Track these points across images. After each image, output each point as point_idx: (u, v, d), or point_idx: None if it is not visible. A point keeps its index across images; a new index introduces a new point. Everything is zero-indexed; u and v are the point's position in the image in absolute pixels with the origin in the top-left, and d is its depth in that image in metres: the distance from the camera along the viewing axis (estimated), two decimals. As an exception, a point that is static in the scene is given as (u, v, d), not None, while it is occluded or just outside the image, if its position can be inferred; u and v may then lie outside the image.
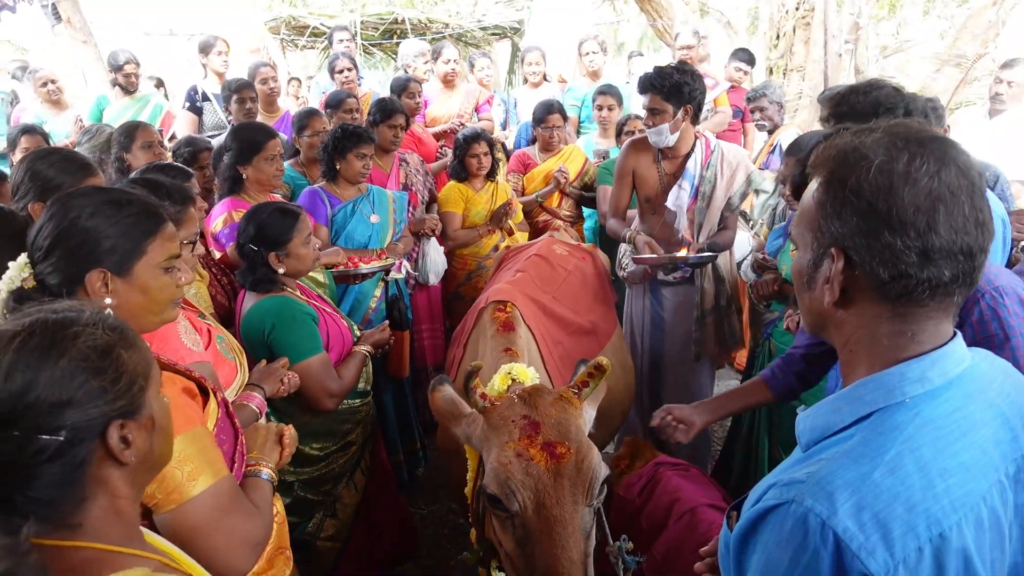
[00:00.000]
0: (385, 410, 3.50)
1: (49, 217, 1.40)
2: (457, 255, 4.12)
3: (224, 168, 3.08)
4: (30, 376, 0.92)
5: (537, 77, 5.63)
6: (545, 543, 1.46)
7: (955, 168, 0.89)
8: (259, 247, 2.35)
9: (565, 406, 1.64)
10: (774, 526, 0.89)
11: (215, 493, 1.33)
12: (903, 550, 0.83)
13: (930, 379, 0.92)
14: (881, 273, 0.90)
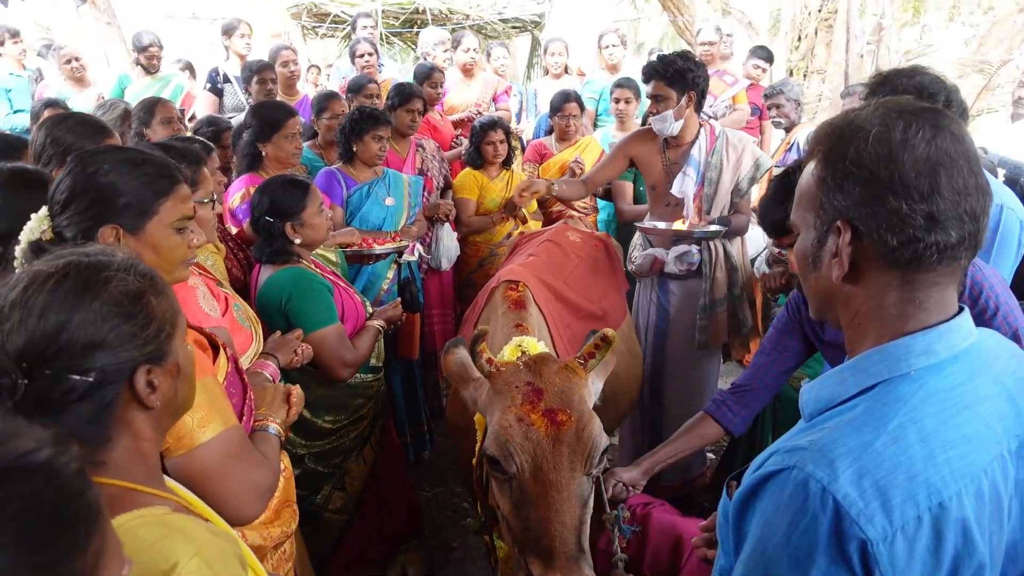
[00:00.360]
0: (394, 392, 3.53)
1: (68, 172, 1.44)
2: (470, 242, 4.14)
3: (243, 145, 3.12)
4: (64, 317, 0.95)
5: (559, 68, 5.63)
6: (540, 507, 1.48)
7: (949, 135, 0.91)
8: (274, 218, 2.38)
9: (570, 375, 1.66)
10: (774, 491, 0.90)
11: (225, 440, 1.35)
12: (902, 518, 0.84)
13: (936, 352, 0.92)
14: (890, 240, 0.90)
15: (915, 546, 0.84)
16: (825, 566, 0.85)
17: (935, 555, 0.85)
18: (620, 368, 2.52)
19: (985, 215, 0.92)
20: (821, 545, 0.85)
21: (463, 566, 3.13)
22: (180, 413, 1.12)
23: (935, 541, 0.85)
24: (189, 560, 0.89)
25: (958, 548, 0.86)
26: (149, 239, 1.46)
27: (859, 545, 0.83)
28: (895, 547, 0.84)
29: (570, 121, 4.38)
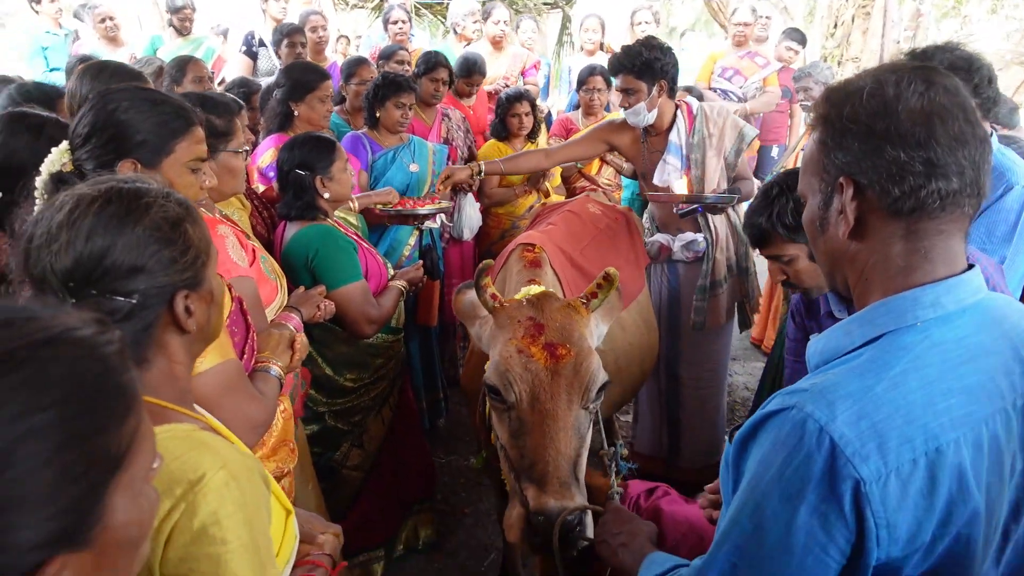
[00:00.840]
0: (411, 358, 3.57)
1: (90, 108, 1.48)
2: (492, 213, 4.15)
3: (275, 104, 3.14)
4: (109, 240, 0.98)
5: (592, 44, 5.59)
6: (536, 435, 1.53)
7: (943, 88, 0.92)
8: (305, 171, 2.42)
9: (571, 313, 1.69)
10: (772, 429, 0.93)
11: (222, 371, 1.39)
12: (897, 460, 0.86)
13: (943, 304, 0.93)
14: (892, 189, 0.92)
15: (908, 488, 0.86)
16: (815, 503, 0.87)
17: (928, 498, 0.87)
18: (635, 338, 2.53)
19: (986, 163, 0.93)
20: (813, 482, 0.87)
21: (474, 531, 3.18)
22: (210, 339, 1.16)
23: (929, 484, 0.87)
24: (216, 472, 0.93)
25: (952, 494, 0.88)
26: (164, 176, 1.50)
27: (852, 485, 0.85)
28: (888, 488, 0.85)
29: (594, 95, 4.35)
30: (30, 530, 0.55)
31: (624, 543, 1.35)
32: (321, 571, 1.16)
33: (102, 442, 0.61)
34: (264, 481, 1.02)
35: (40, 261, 0.98)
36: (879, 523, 0.86)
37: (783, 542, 0.89)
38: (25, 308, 0.64)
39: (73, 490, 0.58)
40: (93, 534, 0.60)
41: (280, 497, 1.12)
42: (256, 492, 0.98)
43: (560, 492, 1.47)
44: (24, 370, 0.57)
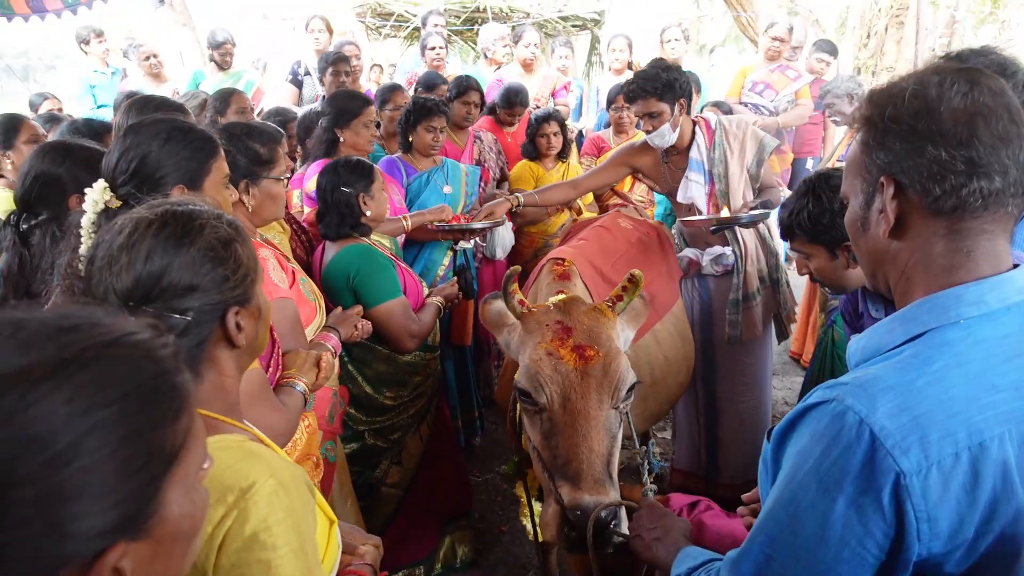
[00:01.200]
0: (447, 377, 3.61)
1: (129, 146, 1.56)
2: (525, 232, 4.19)
3: (321, 131, 3.24)
4: (167, 261, 1.05)
5: (620, 64, 5.64)
6: (568, 434, 1.56)
7: (986, 90, 0.92)
8: (349, 189, 2.51)
9: (598, 316, 1.72)
10: (811, 422, 0.93)
11: (246, 379, 1.42)
12: (939, 453, 0.86)
13: (987, 303, 0.92)
14: (933, 189, 0.92)
15: (950, 482, 0.85)
16: (853, 495, 0.87)
17: (971, 493, 0.86)
18: (670, 351, 2.54)
19: None
20: (852, 474, 0.87)
21: (511, 549, 3.18)
22: (257, 353, 1.21)
23: (972, 479, 0.86)
24: (266, 480, 0.97)
25: (996, 490, 0.87)
26: (208, 195, 1.58)
27: (892, 478, 0.85)
28: (929, 481, 0.85)
29: (624, 113, 4.38)
30: (95, 518, 0.59)
31: (658, 537, 1.35)
32: (364, 580, 1.19)
33: (159, 437, 0.66)
34: (310, 490, 1.06)
35: (102, 281, 1.04)
36: (920, 516, 0.85)
37: (819, 534, 0.90)
38: (88, 313, 0.69)
39: (133, 482, 0.62)
40: (150, 525, 0.64)
41: (324, 507, 1.16)
42: (303, 500, 1.02)
43: (594, 488, 1.50)
44: (90, 369, 0.62)
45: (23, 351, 0.61)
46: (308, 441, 1.82)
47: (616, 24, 8.40)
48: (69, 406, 0.59)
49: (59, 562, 0.58)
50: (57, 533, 0.57)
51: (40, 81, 15.85)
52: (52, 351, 0.62)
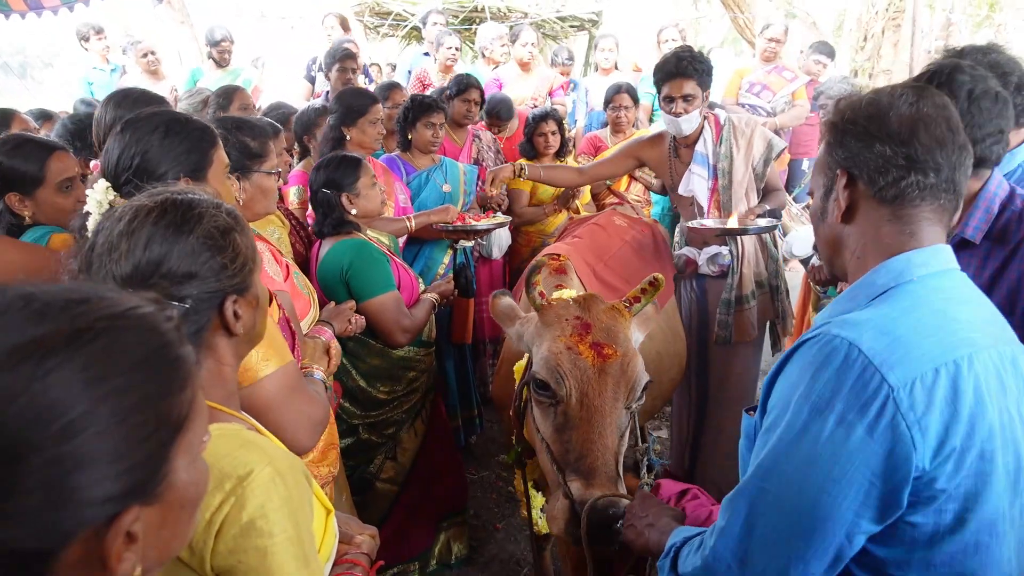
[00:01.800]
0: (446, 376, 3.62)
1: (128, 142, 1.55)
2: (522, 232, 4.20)
3: (328, 129, 3.25)
4: (166, 248, 1.05)
5: (608, 64, 5.67)
6: (583, 429, 1.57)
7: (931, 102, 1.09)
8: (331, 190, 2.52)
9: (616, 315, 1.73)
10: (802, 355, 1.02)
11: (285, 374, 1.45)
12: (920, 368, 0.96)
13: (931, 264, 1.07)
14: (878, 179, 1.08)
15: (933, 395, 0.95)
16: (842, 411, 0.94)
17: (952, 405, 0.96)
18: (663, 347, 2.55)
19: (963, 166, 1.09)
20: (843, 392, 0.95)
21: (506, 545, 3.19)
22: (255, 341, 1.22)
23: (952, 392, 0.96)
24: (263, 468, 0.98)
25: (972, 406, 0.96)
26: (211, 186, 1.57)
27: (884, 393, 0.93)
28: (915, 393, 0.94)
29: (621, 112, 4.40)
30: (109, 482, 0.61)
31: (651, 523, 1.37)
32: (359, 570, 1.20)
33: (167, 406, 0.67)
34: (307, 479, 1.07)
35: (102, 268, 1.05)
36: (911, 425, 0.93)
37: (811, 456, 0.96)
38: (95, 288, 0.71)
39: (144, 448, 0.64)
40: (160, 490, 0.67)
41: (320, 497, 1.16)
42: (300, 488, 1.03)
43: (607, 485, 1.52)
44: (101, 340, 0.64)
45: (36, 322, 0.62)
46: (330, 430, 1.83)
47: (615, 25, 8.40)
48: (83, 374, 0.61)
49: (77, 524, 0.60)
50: (74, 497, 0.59)
51: (38, 78, 15.82)
52: (64, 322, 0.63)
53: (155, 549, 0.68)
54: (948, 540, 0.97)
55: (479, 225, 3.24)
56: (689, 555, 1.14)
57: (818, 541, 0.96)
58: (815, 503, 0.95)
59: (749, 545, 1.02)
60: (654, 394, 2.61)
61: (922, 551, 0.98)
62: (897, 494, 0.94)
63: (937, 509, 0.96)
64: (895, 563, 0.99)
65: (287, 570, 0.97)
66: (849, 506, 0.94)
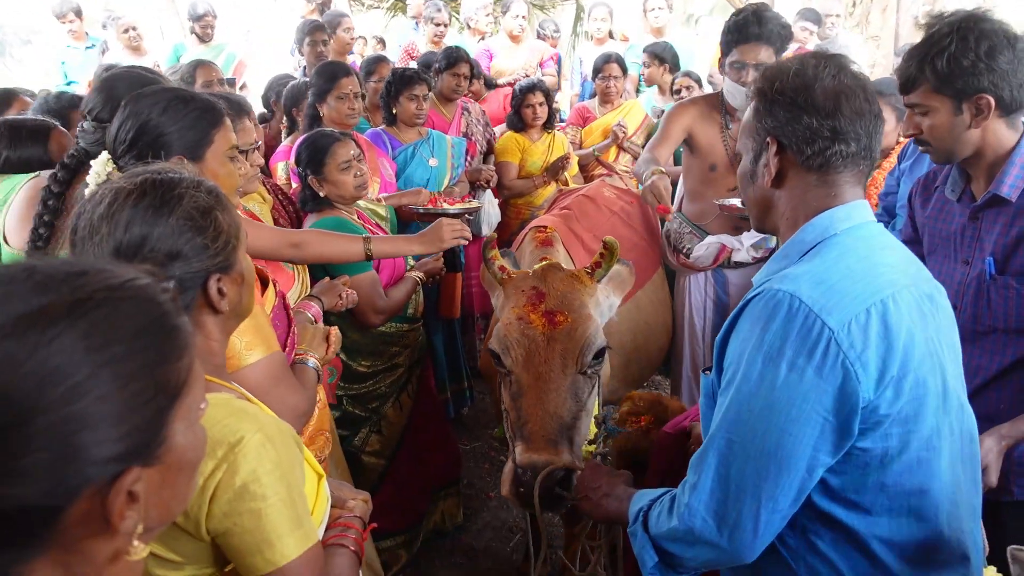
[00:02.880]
0: (435, 350, 3.65)
1: (127, 115, 1.55)
2: (512, 204, 4.21)
3: (307, 106, 3.23)
4: (146, 230, 1.07)
5: (602, 33, 5.63)
6: (530, 396, 1.62)
7: (850, 73, 1.18)
8: (301, 169, 2.55)
9: (574, 282, 1.77)
10: (750, 311, 1.11)
11: (269, 363, 1.47)
12: (854, 309, 1.06)
13: (853, 218, 1.18)
14: (805, 149, 1.16)
15: (868, 332, 1.05)
16: (792, 357, 1.03)
17: (885, 340, 1.06)
18: (651, 317, 2.58)
19: (878, 134, 1.19)
20: (791, 339, 1.04)
21: (498, 513, 3.25)
22: (243, 316, 1.24)
23: (883, 328, 1.06)
24: (254, 435, 1.00)
25: (905, 339, 1.07)
26: (208, 167, 1.58)
27: (826, 336, 1.03)
28: (852, 332, 1.04)
29: (611, 83, 4.39)
30: (111, 444, 0.64)
31: (606, 493, 1.40)
32: (353, 531, 1.23)
33: (165, 372, 0.70)
34: (297, 445, 1.10)
35: (84, 251, 1.06)
36: (852, 361, 1.03)
37: (769, 402, 1.04)
38: (93, 261, 0.74)
39: (144, 412, 0.67)
40: (160, 452, 0.69)
41: (312, 462, 1.19)
42: (291, 453, 1.06)
43: (544, 448, 1.54)
44: (102, 309, 0.67)
45: (39, 292, 0.65)
46: (320, 416, 1.83)
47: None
48: (85, 341, 0.64)
49: (82, 482, 0.63)
50: (79, 456, 0.62)
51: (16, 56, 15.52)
52: (66, 292, 0.66)
53: (156, 509, 0.71)
54: (895, 461, 1.08)
55: (451, 210, 3.22)
56: (661, 515, 1.18)
57: (785, 479, 1.05)
58: (778, 445, 1.04)
59: (723, 495, 1.08)
60: (644, 363, 2.65)
61: (875, 474, 1.08)
62: (849, 424, 1.04)
63: (883, 434, 1.06)
64: (852, 488, 1.09)
65: (281, 531, 1.00)
66: (808, 442, 1.03)
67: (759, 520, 1.06)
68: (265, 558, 1.01)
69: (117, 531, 0.65)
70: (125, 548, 0.68)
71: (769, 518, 1.06)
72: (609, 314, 1.85)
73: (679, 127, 2.86)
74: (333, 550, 1.18)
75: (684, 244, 2.92)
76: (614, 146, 4.44)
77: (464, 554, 3.03)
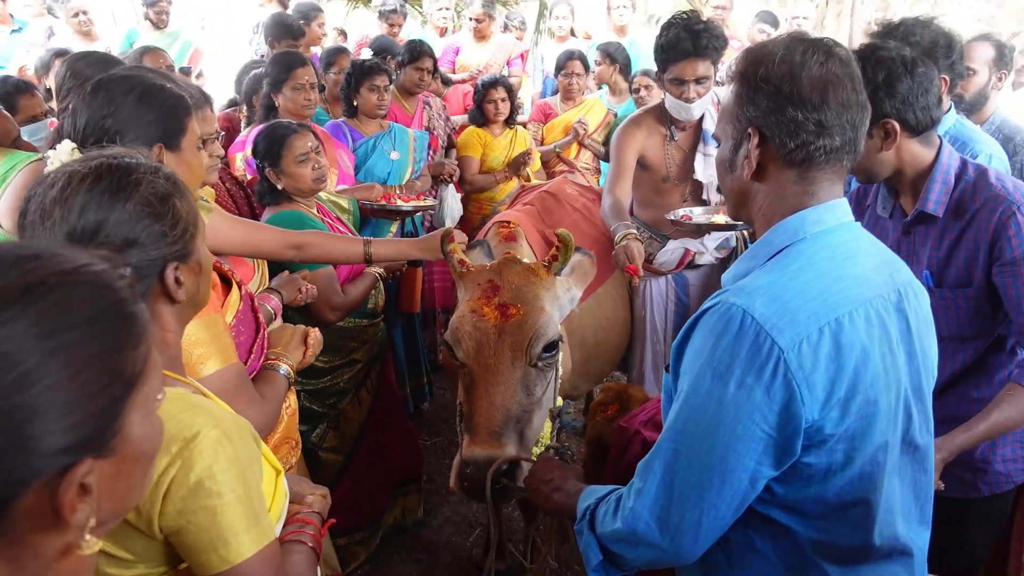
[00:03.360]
0: (395, 344, 3.62)
1: (100, 103, 1.48)
2: (473, 199, 4.20)
3: (263, 96, 3.17)
4: (102, 216, 1.03)
5: (564, 31, 5.64)
6: (479, 388, 1.63)
7: (838, 59, 1.11)
8: (257, 161, 2.51)
9: (530, 276, 1.77)
10: (704, 324, 1.08)
11: (222, 377, 1.42)
12: (806, 329, 1.04)
13: (824, 221, 1.13)
14: (788, 143, 1.11)
15: (819, 353, 1.03)
16: (741, 375, 1.02)
17: (836, 361, 1.04)
18: (611, 312, 2.61)
19: (863, 126, 1.14)
20: (740, 357, 1.02)
21: (459, 508, 3.25)
22: (200, 306, 1.21)
23: (835, 349, 1.04)
24: (210, 430, 0.98)
25: (856, 359, 1.05)
26: (184, 155, 1.54)
27: (775, 355, 1.01)
28: (802, 353, 1.02)
29: (573, 79, 4.41)
30: (62, 434, 0.62)
31: (557, 487, 1.41)
32: (311, 528, 1.21)
33: (120, 361, 0.68)
34: (255, 440, 1.08)
35: (35, 236, 1.02)
36: (799, 383, 1.02)
37: (716, 417, 1.04)
38: (46, 245, 0.71)
39: (97, 401, 0.65)
40: (115, 443, 0.67)
41: (270, 457, 1.17)
42: (248, 449, 1.04)
43: (486, 440, 1.56)
44: (55, 294, 0.64)
45: None
46: (288, 424, 1.75)
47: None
48: (36, 328, 0.62)
49: (30, 474, 0.61)
50: (28, 447, 0.60)
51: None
52: (17, 276, 0.64)
53: (110, 502, 0.69)
54: (838, 475, 1.07)
55: (403, 207, 3.21)
56: (607, 516, 1.19)
57: (728, 491, 1.05)
58: (723, 459, 1.04)
59: (666, 502, 1.09)
60: (605, 358, 2.68)
61: (816, 486, 1.08)
62: (791, 443, 1.03)
63: (828, 450, 1.06)
64: (793, 496, 1.09)
65: (236, 528, 0.98)
66: (752, 456, 1.03)
67: (700, 527, 1.08)
68: (219, 556, 0.99)
69: (68, 525, 0.64)
70: (76, 542, 0.66)
71: (711, 525, 1.08)
72: (571, 307, 1.86)
73: (631, 154, 2.78)
74: (290, 546, 1.16)
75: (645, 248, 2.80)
76: (575, 143, 4.46)
77: (424, 550, 3.02)
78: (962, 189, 1.71)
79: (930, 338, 1.22)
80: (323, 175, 2.55)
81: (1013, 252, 1.63)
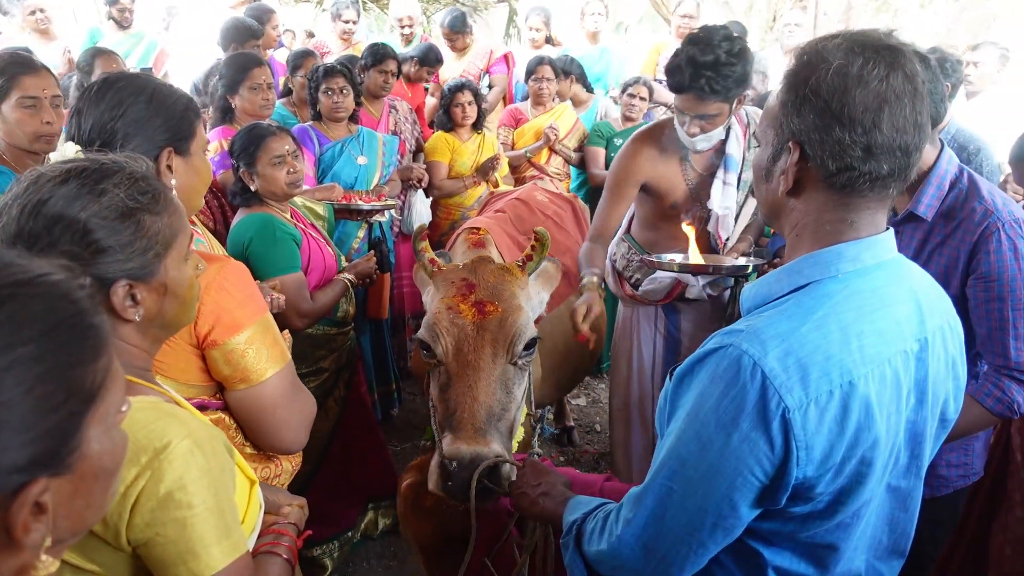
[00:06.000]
0: (362, 351, 3.59)
1: (109, 103, 1.43)
2: (442, 205, 4.19)
3: (218, 98, 3.12)
4: (51, 221, 0.99)
5: (539, 41, 5.63)
6: (459, 385, 1.60)
7: (903, 74, 1.00)
8: (233, 161, 2.49)
9: (505, 275, 1.77)
10: (711, 365, 1.03)
11: (285, 375, 1.45)
12: (816, 391, 0.97)
13: (862, 260, 1.05)
14: (830, 165, 1.02)
15: (825, 416, 0.98)
16: (747, 430, 0.98)
17: (840, 424, 0.99)
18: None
19: (918, 151, 1.03)
20: (747, 411, 0.97)
21: (430, 515, 3.23)
22: (173, 329, 1.16)
23: (842, 412, 0.99)
24: (181, 440, 0.96)
25: (860, 421, 1.00)
26: (193, 161, 1.50)
27: (781, 413, 0.96)
28: (808, 415, 0.97)
29: (543, 84, 4.43)
30: (15, 452, 0.60)
31: (544, 492, 1.39)
32: (287, 539, 1.19)
33: (78, 375, 0.66)
34: (228, 451, 1.06)
35: None
36: (799, 445, 0.97)
37: (716, 466, 1.01)
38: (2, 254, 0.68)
39: (53, 417, 0.63)
40: (72, 460, 0.65)
41: (244, 468, 1.15)
42: (220, 460, 1.02)
43: (473, 437, 1.52)
44: (7, 307, 0.62)
45: None
46: None
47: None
48: None
49: None
50: None
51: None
52: None
53: (68, 520, 0.67)
54: (817, 522, 1.05)
55: (364, 206, 3.20)
56: (594, 536, 1.19)
57: (719, 532, 1.04)
58: (718, 505, 1.02)
59: (655, 534, 1.08)
60: (575, 365, 2.68)
61: (793, 525, 1.06)
62: (776, 494, 1.01)
63: (815, 501, 1.03)
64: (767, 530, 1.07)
65: (207, 541, 0.96)
66: (747, 504, 1.02)
67: (687, 561, 1.07)
68: (189, 569, 0.97)
69: (21, 546, 0.61)
70: (31, 563, 0.63)
71: (696, 560, 1.08)
72: (540, 309, 1.86)
73: (633, 182, 2.44)
74: (265, 558, 1.14)
75: (632, 273, 2.60)
76: (546, 148, 4.48)
77: (395, 556, 2.99)
78: (954, 196, 1.73)
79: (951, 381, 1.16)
80: (298, 180, 2.52)
81: (989, 268, 1.66)
